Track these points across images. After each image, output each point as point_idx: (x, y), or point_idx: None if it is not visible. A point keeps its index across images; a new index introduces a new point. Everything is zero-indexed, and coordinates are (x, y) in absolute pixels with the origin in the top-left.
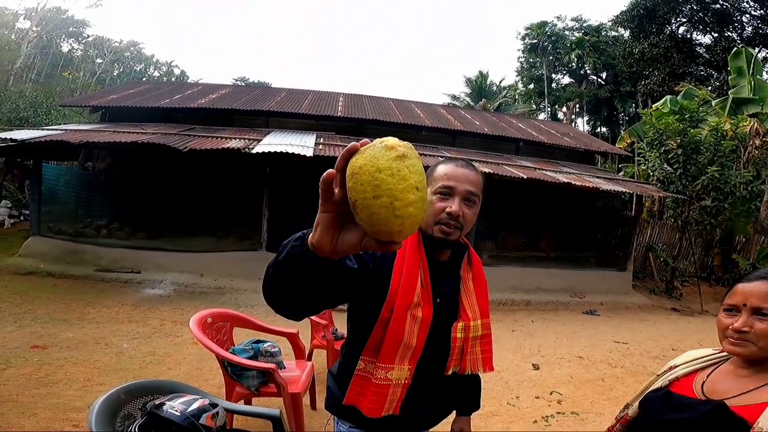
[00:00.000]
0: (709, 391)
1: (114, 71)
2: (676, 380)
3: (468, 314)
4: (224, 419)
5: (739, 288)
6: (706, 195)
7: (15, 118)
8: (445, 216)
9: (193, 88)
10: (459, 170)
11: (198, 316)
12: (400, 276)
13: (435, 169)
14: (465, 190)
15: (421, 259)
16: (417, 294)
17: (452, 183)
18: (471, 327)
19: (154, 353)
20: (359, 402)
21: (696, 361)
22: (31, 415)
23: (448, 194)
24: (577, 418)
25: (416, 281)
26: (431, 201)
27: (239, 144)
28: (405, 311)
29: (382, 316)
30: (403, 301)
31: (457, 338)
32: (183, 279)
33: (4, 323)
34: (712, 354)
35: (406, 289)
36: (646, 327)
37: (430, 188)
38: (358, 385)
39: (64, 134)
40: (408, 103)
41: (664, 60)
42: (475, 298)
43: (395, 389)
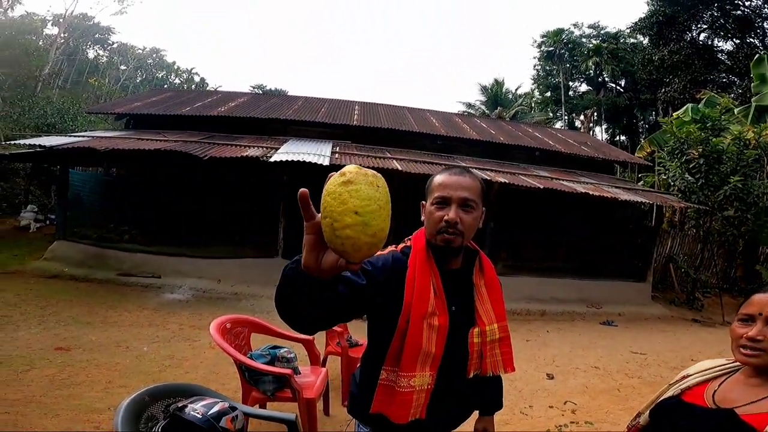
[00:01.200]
0: (720, 400)
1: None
2: (688, 389)
3: (483, 320)
4: (243, 422)
5: (755, 298)
6: (728, 205)
7: (42, 124)
8: (443, 225)
9: (213, 96)
10: (453, 178)
11: (218, 322)
12: (413, 287)
13: (432, 181)
14: (460, 197)
15: (432, 268)
16: (431, 303)
17: (446, 192)
18: (487, 332)
19: (172, 357)
20: (386, 410)
21: (708, 371)
22: (54, 416)
23: (444, 203)
24: (591, 427)
25: (429, 291)
26: (430, 212)
27: (257, 152)
28: (421, 320)
29: (399, 326)
30: (418, 311)
31: (475, 343)
32: (201, 284)
33: (29, 325)
34: (725, 364)
35: (419, 299)
36: (665, 338)
37: (429, 199)
38: (383, 394)
39: (91, 141)
40: (423, 112)
41: (684, 67)
42: (489, 304)
43: (419, 395)
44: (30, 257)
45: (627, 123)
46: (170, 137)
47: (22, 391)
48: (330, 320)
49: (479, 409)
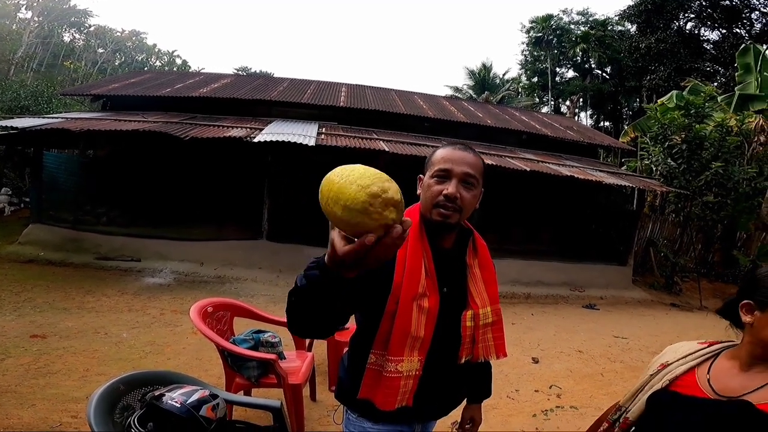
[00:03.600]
0: (721, 389)
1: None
2: (675, 379)
3: (476, 302)
4: (225, 410)
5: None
6: (709, 191)
7: (16, 107)
8: (442, 198)
9: (195, 77)
10: (457, 153)
11: (198, 305)
12: (403, 267)
13: (433, 154)
14: (462, 171)
15: (424, 248)
16: (422, 284)
17: (449, 165)
18: (480, 315)
19: (153, 343)
20: (373, 396)
21: (688, 358)
22: (30, 406)
23: (445, 177)
24: (576, 412)
25: (420, 271)
26: (429, 185)
27: (241, 133)
28: (411, 302)
29: (387, 308)
30: (408, 292)
31: (467, 327)
32: (183, 268)
33: (4, 312)
34: (700, 349)
35: (410, 280)
36: (646, 322)
37: (429, 173)
38: (370, 378)
39: (65, 122)
40: (411, 95)
41: (670, 55)
42: (482, 285)
43: (406, 381)
44: (4, 241)
45: (611, 109)
46: (149, 118)
47: None
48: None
49: (467, 396)
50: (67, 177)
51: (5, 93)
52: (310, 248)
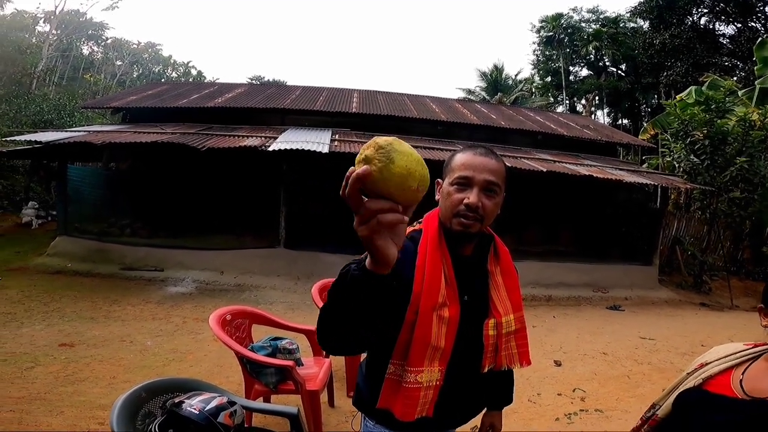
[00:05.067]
0: (750, 389)
1: (134, 73)
2: (710, 378)
3: (499, 310)
4: (242, 417)
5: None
6: (734, 186)
7: (39, 121)
8: (463, 208)
9: (210, 87)
10: (477, 159)
11: (217, 314)
12: (422, 276)
13: (453, 158)
14: (484, 179)
15: (443, 256)
16: (442, 294)
17: (470, 173)
18: (503, 323)
19: (176, 350)
20: (392, 406)
21: (728, 358)
22: (59, 413)
23: (465, 185)
24: (601, 415)
25: (440, 280)
26: (449, 192)
27: (255, 142)
28: (430, 312)
29: (407, 319)
30: (427, 302)
31: (490, 336)
32: (204, 276)
33: (33, 322)
34: (743, 350)
35: (429, 289)
36: (674, 322)
37: (448, 179)
38: (390, 388)
39: (87, 135)
40: (423, 98)
41: (686, 51)
42: (505, 292)
43: (426, 392)
44: (33, 254)
45: (629, 107)
46: (168, 129)
47: (26, 388)
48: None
49: (488, 403)
50: (91, 190)
51: (29, 107)
52: (326, 255)
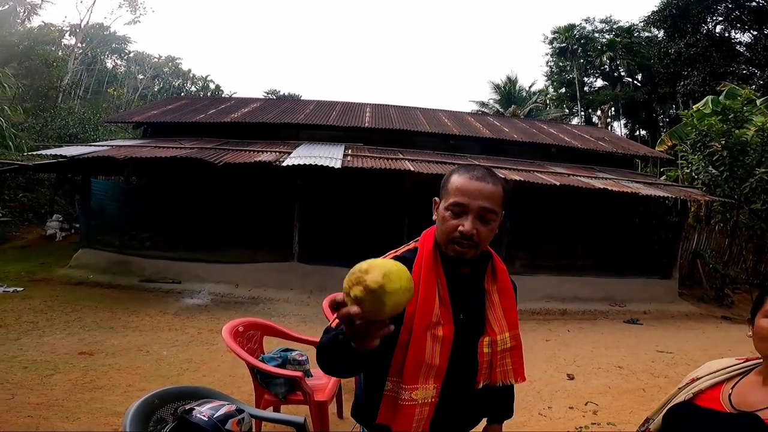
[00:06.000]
0: (738, 402)
1: (155, 86)
2: (700, 393)
3: (494, 328)
4: (250, 425)
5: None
6: (756, 198)
7: (65, 135)
8: (458, 235)
9: (227, 102)
10: (473, 184)
11: (230, 325)
12: (416, 296)
13: (449, 179)
14: (479, 206)
15: (438, 275)
16: (435, 313)
17: (465, 200)
18: (498, 341)
19: (191, 360)
20: (391, 422)
21: (719, 373)
22: (75, 420)
23: (461, 212)
24: (614, 428)
25: (434, 300)
26: (444, 217)
27: (270, 157)
28: (424, 332)
29: (401, 339)
30: (421, 322)
31: (485, 353)
32: (219, 289)
33: (55, 331)
34: (735, 364)
35: (423, 310)
36: (694, 336)
37: (443, 202)
38: (388, 405)
39: (110, 150)
40: (434, 112)
41: (703, 60)
42: (501, 311)
43: (422, 408)
44: (56, 265)
45: (646, 117)
46: (186, 144)
47: (45, 395)
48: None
49: (488, 416)
50: (113, 203)
51: (55, 120)
52: (339, 269)
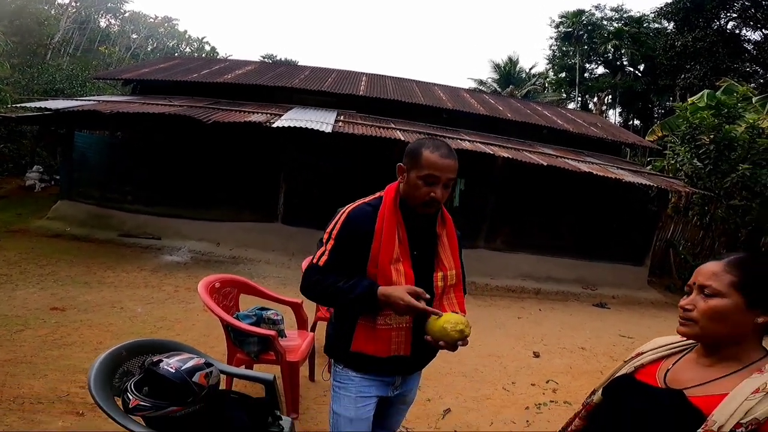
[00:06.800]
0: (670, 380)
1: (148, 47)
2: (641, 367)
3: (445, 265)
4: (217, 379)
5: (697, 269)
6: (736, 193)
7: (51, 90)
8: (429, 200)
9: (221, 63)
10: (444, 161)
11: (206, 281)
12: (380, 236)
13: (420, 153)
14: (447, 178)
15: (398, 222)
16: (396, 251)
17: (438, 173)
18: (448, 276)
19: (165, 318)
20: (366, 348)
21: (661, 349)
22: (42, 377)
23: (433, 183)
24: (568, 407)
25: (394, 241)
26: (417, 185)
27: (261, 118)
28: (389, 265)
29: (369, 272)
30: (384, 258)
31: (439, 286)
32: (200, 247)
33: (28, 284)
34: (678, 342)
35: (386, 247)
36: (656, 323)
37: (416, 172)
38: (362, 333)
39: (97, 105)
40: (431, 86)
41: (708, 54)
42: (449, 251)
43: (398, 333)
44: (34, 216)
45: (642, 108)
46: (176, 102)
47: (14, 351)
48: None
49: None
50: (96, 157)
51: (41, 76)
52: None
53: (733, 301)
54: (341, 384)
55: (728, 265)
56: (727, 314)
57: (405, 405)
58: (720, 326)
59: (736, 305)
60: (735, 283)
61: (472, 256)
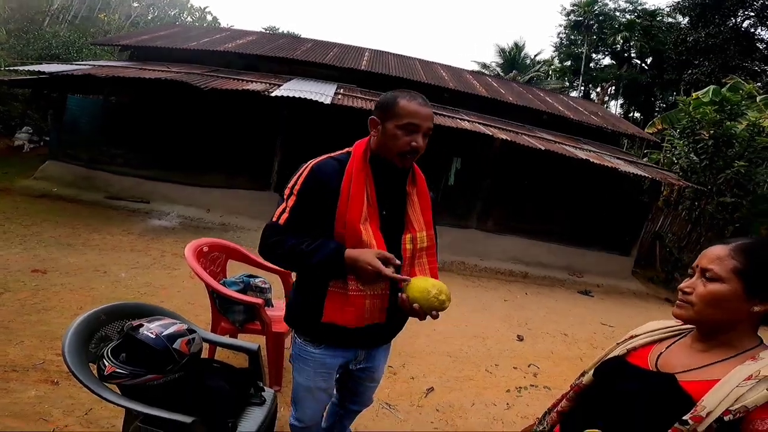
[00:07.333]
0: (662, 363)
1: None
2: (633, 350)
3: (414, 226)
4: (199, 347)
5: (703, 251)
6: (727, 190)
7: (46, 55)
8: (409, 149)
9: (222, 32)
10: (423, 110)
11: (194, 244)
12: (347, 194)
13: (397, 103)
14: (427, 127)
15: (367, 178)
16: (364, 211)
17: (418, 121)
18: (417, 238)
19: (150, 284)
20: (339, 317)
21: (655, 332)
22: (18, 343)
23: (413, 131)
24: (548, 392)
25: (362, 200)
26: (396, 135)
27: (260, 87)
28: (358, 224)
29: (336, 231)
30: (353, 216)
31: (407, 249)
32: (190, 212)
33: (10, 245)
34: (672, 326)
35: (354, 206)
36: (637, 313)
37: (394, 122)
38: (334, 301)
39: (92, 69)
40: (434, 65)
41: (719, 51)
42: (419, 210)
43: (373, 300)
44: (20, 176)
45: (644, 101)
46: (173, 69)
47: None
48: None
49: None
50: (88, 120)
51: (37, 41)
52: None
53: (732, 288)
54: (300, 356)
55: (734, 250)
56: (725, 300)
57: (374, 383)
58: (716, 311)
59: (734, 292)
60: (737, 269)
61: (463, 236)
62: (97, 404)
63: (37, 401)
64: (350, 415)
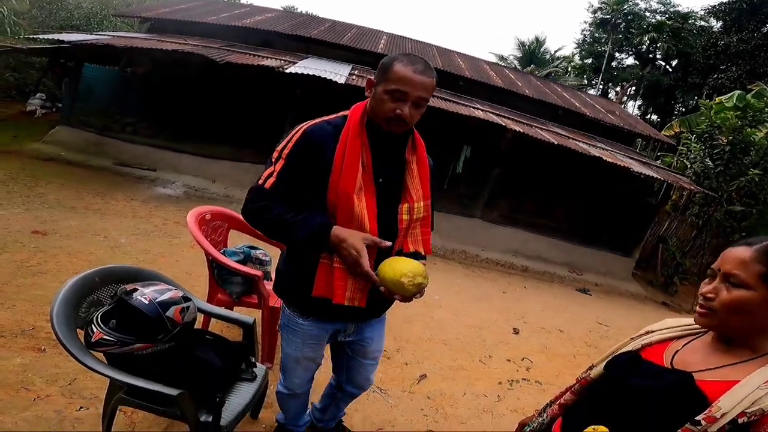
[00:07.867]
0: (678, 361)
1: None
2: (648, 346)
3: (412, 196)
4: (193, 316)
5: (724, 252)
6: (738, 198)
7: (67, 26)
8: (394, 116)
9: (242, 8)
10: (417, 77)
11: (197, 211)
12: (342, 161)
13: (391, 66)
14: (417, 96)
15: (363, 144)
16: (359, 179)
17: (406, 88)
18: (415, 208)
19: (149, 252)
20: (328, 292)
21: (672, 329)
22: (10, 307)
23: (400, 98)
24: (539, 387)
25: (357, 167)
26: (383, 99)
27: (274, 63)
28: (351, 194)
29: (329, 199)
30: (346, 185)
31: (404, 220)
32: (195, 183)
33: (12, 204)
34: (690, 324)
35: (348, 173)
36: (633, 315)
37: (383, 85)
38: (324, 273)
39: (111, 39)
40: (451, 53)
41: (749, 57)
42: (418, 180)
43: (355, 280)
44: (30, 139)
45: (664, 103)
46: (190, 41)
47: None
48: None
49: None
50: (103, 88)
51: (59, 12)
52: None
53: (759, 295)
54: (288, 327)
55: (758, 252)
56: (752, 308)
57: (368, 360)
58: (742, 319)
59: (763, 299)
60: (764, 275)
61: (467, 224)
62: (82, 374)
63: (21, 369)
64: (347, 398)
